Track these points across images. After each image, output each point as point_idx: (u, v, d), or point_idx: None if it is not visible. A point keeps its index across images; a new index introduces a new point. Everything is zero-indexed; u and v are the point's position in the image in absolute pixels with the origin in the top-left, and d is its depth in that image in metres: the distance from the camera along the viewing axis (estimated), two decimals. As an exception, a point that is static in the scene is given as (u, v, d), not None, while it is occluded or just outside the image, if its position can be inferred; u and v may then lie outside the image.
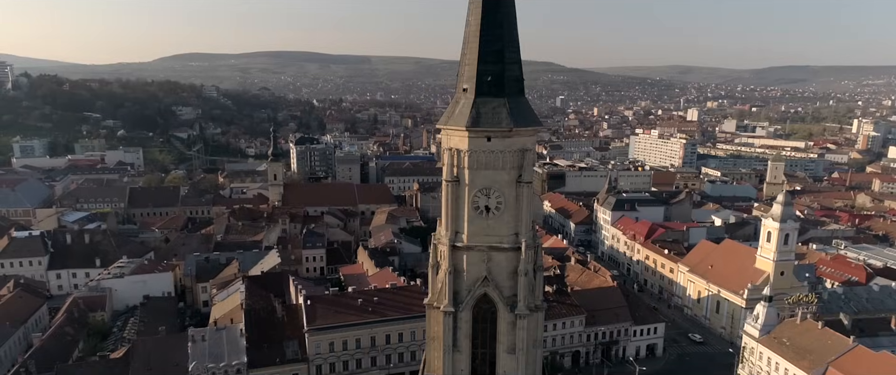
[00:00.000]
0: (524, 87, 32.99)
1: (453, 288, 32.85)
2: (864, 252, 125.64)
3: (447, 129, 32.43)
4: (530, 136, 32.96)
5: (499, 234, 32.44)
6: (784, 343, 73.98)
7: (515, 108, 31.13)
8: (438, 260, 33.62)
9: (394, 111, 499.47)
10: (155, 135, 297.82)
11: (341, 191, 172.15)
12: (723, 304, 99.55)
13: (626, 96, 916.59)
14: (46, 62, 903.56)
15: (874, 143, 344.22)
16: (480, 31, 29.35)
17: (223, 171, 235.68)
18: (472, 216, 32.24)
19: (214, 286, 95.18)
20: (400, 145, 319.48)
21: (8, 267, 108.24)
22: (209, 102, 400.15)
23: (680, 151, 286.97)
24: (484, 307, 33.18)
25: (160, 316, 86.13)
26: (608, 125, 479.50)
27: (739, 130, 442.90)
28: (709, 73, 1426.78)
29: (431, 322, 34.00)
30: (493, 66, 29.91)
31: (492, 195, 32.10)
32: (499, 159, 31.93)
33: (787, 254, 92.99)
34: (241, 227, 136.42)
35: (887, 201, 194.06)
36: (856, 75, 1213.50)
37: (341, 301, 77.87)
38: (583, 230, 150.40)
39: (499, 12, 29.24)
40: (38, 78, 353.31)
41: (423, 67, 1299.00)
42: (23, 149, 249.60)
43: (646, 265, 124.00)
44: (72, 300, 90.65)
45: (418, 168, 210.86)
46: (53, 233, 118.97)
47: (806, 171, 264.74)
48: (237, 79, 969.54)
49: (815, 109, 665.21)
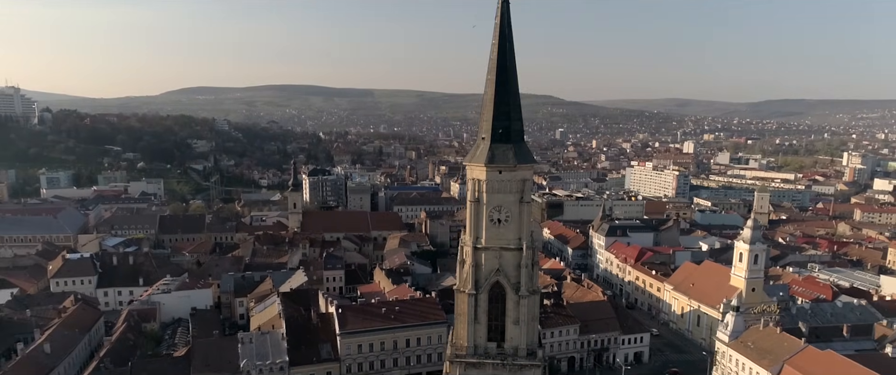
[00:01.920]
0: (524, 134, 46.63)
1: (474, 277, 45.73)
2: (835, 274, 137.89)
3: (471, 165, 45.88)
4: (529, 170, 46.32)
5: (507, 238, 45.46)
6: (749, 346, 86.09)
7: (519, 151, 44.45)
8: (464, 258, 46.52)
9: (398, 143, 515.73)
10: (172, 166, 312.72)
11: (355, 218, 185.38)
12: (703, 318, 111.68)
13: (625, 129, 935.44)
14: (58, 96, 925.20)
15: (860, 175, 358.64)
16: (495, 100, 43.04)
17: (240, 200, 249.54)
18: (489, 226, 45.38)
19: (252, 299, 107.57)
20: (406, 175, 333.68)
21: (63, 285, 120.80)
22: (221, 135, 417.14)
23: (673, 182, 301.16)
24: (496, 291, 45.94)
25: (207, 325, 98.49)
26: (606, 157, 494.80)
27: (733, 162, 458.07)
28: (706, 106, 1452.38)
29: (458, 302, 46.74)
30: (503, 122, 43.52)
31: (502, 211, 45.25)
32: (507, 186, 45.10)
33: (756, 272, 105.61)
34: (265, 251, 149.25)
35: (866, 229, 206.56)
36: (850, 109, 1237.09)
37: (368, 310, 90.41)
38: (580, 255, 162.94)
39: (507, 88, 42.98)
40: (59, 112, 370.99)
41: (425, 99, 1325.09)
42: (49, 180, 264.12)
43: (636, 285, 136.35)
44: (127, 311, 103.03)
45: (425, 198, 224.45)
46: (101, 255, 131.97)
47: (793, 201, 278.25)
48: (243, 112, 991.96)
49: (809, 142, 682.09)
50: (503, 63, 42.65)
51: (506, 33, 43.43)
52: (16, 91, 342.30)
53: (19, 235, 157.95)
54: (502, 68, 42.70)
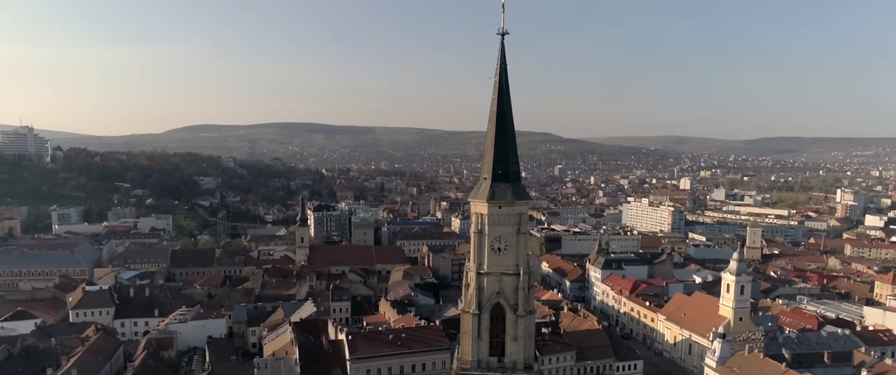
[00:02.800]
0: (520, 175, 54.03)
1: (477, 299, 52.28)
2: (823, 306, 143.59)
3: (474, 201, 53.01)
4: (525, 205, 53.44)
5: (506, 265, 52.16)
6: (734, 371, 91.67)
7: (516, 189, 51.58)
8: (468, 282, 53.23)
9: (399, 180, 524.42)
10: (180, 203, 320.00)
11: (360, 252, 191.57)
12: (694, 346, 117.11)
13: (622, 165, 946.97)
14: (64, 134, 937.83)
15: (853, 211, 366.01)
16: (495, 145, 50.65)
17: (246, 235, 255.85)
18: (490, 254, 52.20)
19: (265, 328, 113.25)
20: (408, 211, 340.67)
21: (82, 316, 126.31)
22: (227, 172, 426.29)
23: (668, 217, 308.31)
24: (497, 311, 52.27)
25: (223, 352, 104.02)
26: (604, 193, 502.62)
27: (728, 198, 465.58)
28: (703, 143, 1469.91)
29: (463, 321, 53.17)
30: (502, 165, 50.92)
31: (502, 241, 52.10)
32: (506, 219, 52.04)
33: (743, 302, 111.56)
34: (274, 283, 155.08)
35: (855, 263, 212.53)
36: (845, 147, 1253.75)
37: (376, 336, 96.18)
38: (577, 287, 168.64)
39: (505, 136, 50.56)
40: (69, 151, 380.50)
41: (425, 137, 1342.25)
42: (60, 216, 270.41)
43: (631, 316, 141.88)
44: (146, 340, 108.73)
45: (427, 232, 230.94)
46: (117, 287, 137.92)
47: (786, 237, 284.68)
48: (246, 149, 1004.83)
49: (803, 179, 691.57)
50: (502, 115, 50.41)
51: (504, 89, 51.28)
52: (30, 131, 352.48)
53: (37, 269, 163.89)
54: (501, 119, 50.43)
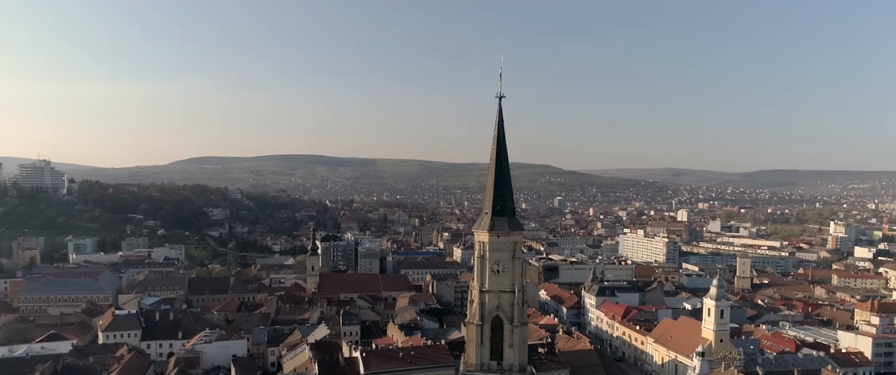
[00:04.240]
0: (515, 210, 65.59)
1: (480, 312, 63.21)
2: (803, 331, 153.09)
3: (477, 231, 64.43)
4: (519, 235, 64.87)
5: (504, 284, 63.20)
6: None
7: (511, 221, 63.09)
8: (472, 298, 64.26)
9: (402, 211, 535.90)
10: (190, 233, 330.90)
11: (367, 280, 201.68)
12: (679, 366, 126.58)
13: (621, 197, 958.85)
14: (70, 166, 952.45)
15: (843, 243, 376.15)
16: (494, 185, 62.52)
17: (256, 265, 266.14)
18: (490, 275, 63.36)
19: (284, 347, 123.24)
20: (411, 241, 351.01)
21: (112, 338, 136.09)
22: (235, 203, 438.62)
23: (663, 248, 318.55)
24: (496, 322, 63.26)
25: (247, 370, 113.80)
26: (602, 225, 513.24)
27: (724, 230, 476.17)
28: (701, 175, 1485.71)
29: (468, 332, 63.95)
30: (499, 202, 62.59)
31: (500, 264, 63.28)
32: (503, 246, 63.27)
33: (723, 325, 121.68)
34: (288, 309, 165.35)
35: (840, 292, 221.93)
36: (842, 180, 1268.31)
37: (388, 354, 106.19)
38: (574, 313, 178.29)
39: (503, 178, 62.38)
40: (83, 183, 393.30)
41: (427, 169, 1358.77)
42: (76, 247, 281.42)
43: (623, 340, 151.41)
44: (175, 358, 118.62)
45: (430, 262, 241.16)
46: (144, 312, 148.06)
47: (776, 267, 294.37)
48: (250, 180, 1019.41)
49: (800, 211, 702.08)
50: (500, 163, 62.34)
51: (501, 140, 63.25)
52: (47, 164, 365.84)
53: (64, 295, 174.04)
54: (499, 166, 62.34)
